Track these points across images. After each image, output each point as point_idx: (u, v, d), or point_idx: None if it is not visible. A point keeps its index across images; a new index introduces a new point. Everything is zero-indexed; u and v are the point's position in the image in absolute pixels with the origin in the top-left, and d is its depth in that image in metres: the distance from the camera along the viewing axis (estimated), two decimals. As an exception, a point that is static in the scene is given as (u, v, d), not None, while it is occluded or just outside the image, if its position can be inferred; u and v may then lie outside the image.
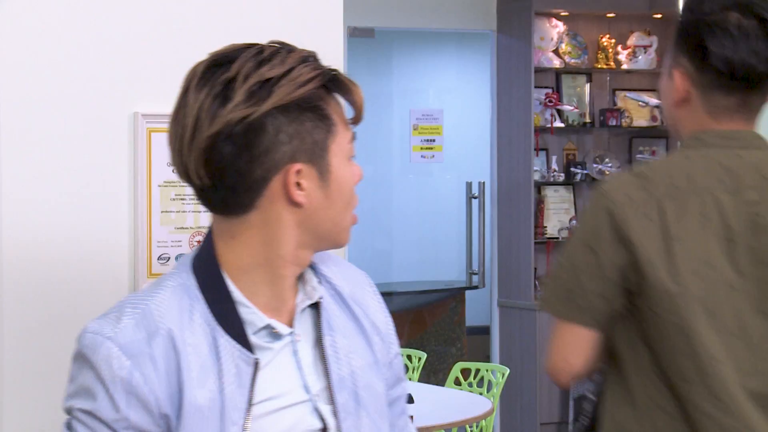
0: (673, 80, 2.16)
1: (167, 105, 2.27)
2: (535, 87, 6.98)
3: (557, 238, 7.09)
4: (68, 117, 2.18)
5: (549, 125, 7.10)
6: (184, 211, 2.26)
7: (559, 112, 7.20)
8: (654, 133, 7.37)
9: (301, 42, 1.63)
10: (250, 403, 1.55)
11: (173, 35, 2.25)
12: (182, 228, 2.26)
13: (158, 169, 2.23)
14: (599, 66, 7.28)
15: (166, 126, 2.21)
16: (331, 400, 1.62)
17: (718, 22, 2.09)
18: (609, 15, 7.33)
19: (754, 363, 2.07)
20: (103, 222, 2.20)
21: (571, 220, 7.12)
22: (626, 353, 2.12)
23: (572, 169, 7.21)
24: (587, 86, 7.30)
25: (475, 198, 7.76)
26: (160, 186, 2.24)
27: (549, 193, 7.19)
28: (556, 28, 7.17)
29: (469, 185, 7.81)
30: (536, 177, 7.04)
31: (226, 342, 1.56)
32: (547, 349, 2.21)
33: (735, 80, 2.10)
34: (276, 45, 1.59)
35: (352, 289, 1.73)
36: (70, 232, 2.18)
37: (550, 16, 7.13)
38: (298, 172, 1.56)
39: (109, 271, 2.21)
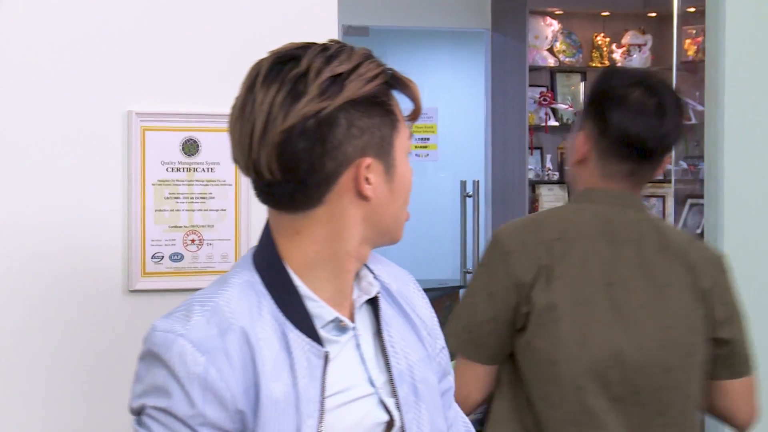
0: (576, 141, 2.37)
1: (161, 103, 2.28)
2: (530, 86, 6.99)
3: (552, 236, 7.09)
4: (61, 115, 2.18)
5: (543, 124, 7.10)
6: (177, 210, 2.25)
7: (554, 111, 7.21)
8: (648, 132, 7.37)
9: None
10: (323, 396, 1.56)
11: (167, 34, 2.24)
12: (176, 227, 2.25)
13: (152, 167, 2.23)
14: (594, 64, 7.28)
15: (159, 124, 2.23)
16: (394, 394, 1.64)
17: (623, 96, 2.31)
18: (603, 13, 7.34)
19: (628, 392, 2.23)
20: (96, 220, 2.20)
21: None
22: (504, 389, 2.31)
23: (567, 167, 7.22)
24: (582, 85, 7.31)
25: (470, 197, 7.76)
26: (153, 185, 2.23)
27: (543, 191, 7.19)
28: (550, 27, 7.17)
29: (463, 184, 7.80)
30: (531, 176, 7.04)
31: (295, 336, 1.56)
32: None
33: (629, 150, 2.30)
34: (334, 42, 1.61)
35: (399, 285, 1.76)
36: (63, 230, 2.17)
37: (544, 14, 7.14)
38: (368, 166, 1.58)
39: (102, 270, 2.20)
